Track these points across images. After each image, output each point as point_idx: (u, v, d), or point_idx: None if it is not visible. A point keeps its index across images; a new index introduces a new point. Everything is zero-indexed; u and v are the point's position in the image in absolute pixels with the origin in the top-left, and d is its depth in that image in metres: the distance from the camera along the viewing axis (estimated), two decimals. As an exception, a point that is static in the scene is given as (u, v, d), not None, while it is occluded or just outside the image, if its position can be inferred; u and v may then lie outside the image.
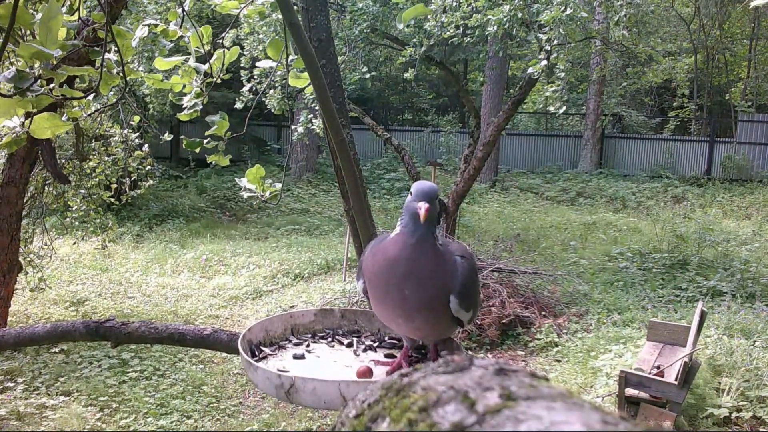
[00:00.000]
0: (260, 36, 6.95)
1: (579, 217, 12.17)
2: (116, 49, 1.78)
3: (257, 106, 6.90)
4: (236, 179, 2.20)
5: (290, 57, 2.18)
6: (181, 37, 2.15)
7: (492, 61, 13.37)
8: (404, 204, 1.26)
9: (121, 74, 1.79)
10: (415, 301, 1.23)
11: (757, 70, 18.30)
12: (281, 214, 12.36)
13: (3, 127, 1.62)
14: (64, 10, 1.82)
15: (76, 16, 1.85)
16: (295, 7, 2.68)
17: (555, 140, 17.47)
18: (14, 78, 1.46)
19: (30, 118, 1.57)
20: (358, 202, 2.36)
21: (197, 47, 2.13)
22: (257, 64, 2.77)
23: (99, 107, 4.54)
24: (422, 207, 1.18)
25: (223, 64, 2.18)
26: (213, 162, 2.27)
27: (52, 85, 1.56)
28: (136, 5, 6.55)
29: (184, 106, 2.18)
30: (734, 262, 7.93)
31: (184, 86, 2.18)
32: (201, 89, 2.16)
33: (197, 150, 2.22)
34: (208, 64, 2.16)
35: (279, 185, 2.11)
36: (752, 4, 1.76)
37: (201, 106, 2.19)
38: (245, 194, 2.09)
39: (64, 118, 1.71)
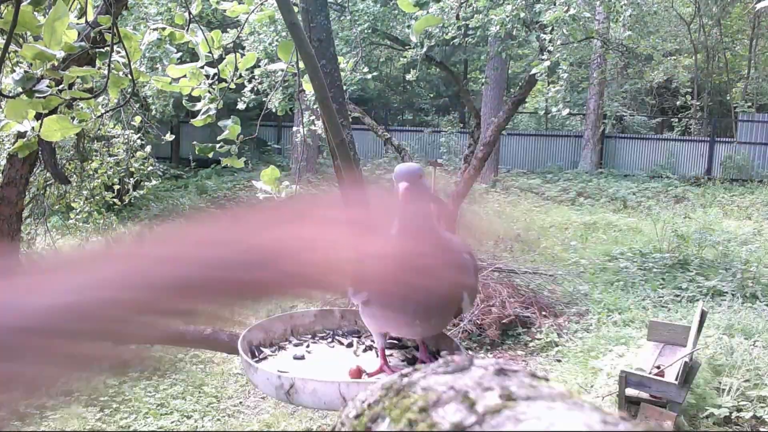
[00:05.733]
0: (261, 36, 6.95)
1: (579, 217, 12.16)
2: (121, 51, 1.78)
3: (257, 106, 6.90)
4: (253, 181, 2.22)
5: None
6: (188, 40, 2.15)
7: (493, 62, 13.37)
8: None
9: (128, 76, 1.80)
10: (435, 299, 1.21)
11: (758, 70, 18.29)
12: (281, 214, 12.35)
13: (9, 133, 1.62)
14: (74, 14, 1.82)
15: (84, 19, 1.84)
16: (295, 8, 2.68)
17: (555, 140, 17.47)
18: (22, 79, 1.46)
19: (40, 121, 1.57)
20: (358, 202, 2.36)
21: (207, 52, 2.13)
22: (269, 66, 2.78)
23: (104, 109, 4.55)
24: (401, 187, 1.18)
25: (236, 68, 2.19)
26: (225, 164, 2.29)
27: (60, 87, 1.56)
28: (138, 6, 6.55)
29: (197, 110, 2.19)
30: (735, 262, 7.92)
31: (193, 89, 2.18)
32: (215, 94, 2.17)
33: (210, 154, 2.23)
34: (217, 68, 2.16)
35: (295, 186, 2.13)
36: (759, 6, 1.76)
37: (215, 111, 2.20)
38: (261, 195, 2.10)
39: (74, 121, 1.72)
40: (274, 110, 6.69)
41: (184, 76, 2.13)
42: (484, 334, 6.22)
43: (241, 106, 6.57)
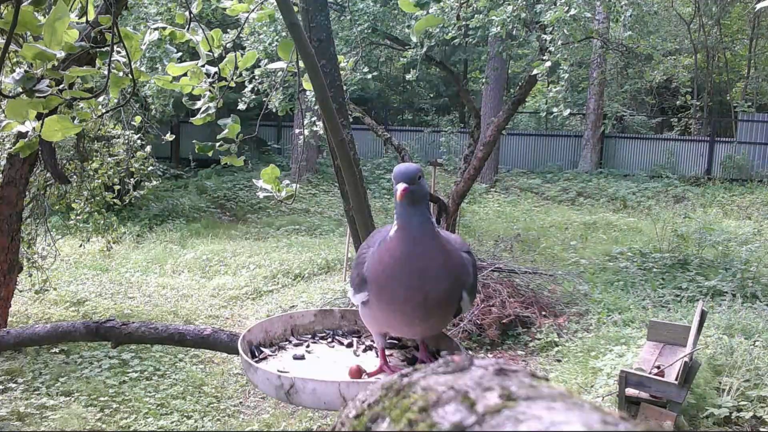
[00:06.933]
0: (261, 36, 6.95)
1: (579, 217, 12.16)
2: (121, 50, 1.78)
3: (257, 106, 6.90)
4: (254, 180, 2.23)
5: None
6: (189, 39, 2.15)
7: (493, 62, 13.37)
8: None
9: (129, 76, 1.79)
10: (434, 299, 1.22)
11: (758, 70, 18.28)
12: (281, 214, 12.36)
13: (9, 133, 1.62)
14: (74, 14, 1.82)
15: (84, 19, 1.84)
16: (295, 8, 2.68)
17: (555, 140, 17.47)
18: (22, 79, 1.46)
19: (41, 121, 1.57)
20: (358, 202, 2.37)
21: (208, 51, 2.13)
22: (269, 66, 2.79)
23: (104, 108, 4.55)
24: (399, 188, 1.18)
25: (236, 68, 2.18)
26: (224, 163, 2.30)
27: (61, 87, 1.56)
28: (138, 6, 6.55)
29: (197, 108, 2.19)
30: (735, 261, 7.92)
31: (194, 88, 2.18)
32: (215, 93, 2.17)
33: (210, 153, 2.23)
34: (217, 67, 2.16)
35: (295, 185, 2.12)
36: (759, 6, 1.76)
37: (214, 110, 2.20)
38: (261, 194, 2.10)
39: (75, 121, 1.72)
40: (274, 110, 6.69)
41: (185, 74, 2.13)
42: (484, 334, 6.22)
43: (241, 106, 6.56)
